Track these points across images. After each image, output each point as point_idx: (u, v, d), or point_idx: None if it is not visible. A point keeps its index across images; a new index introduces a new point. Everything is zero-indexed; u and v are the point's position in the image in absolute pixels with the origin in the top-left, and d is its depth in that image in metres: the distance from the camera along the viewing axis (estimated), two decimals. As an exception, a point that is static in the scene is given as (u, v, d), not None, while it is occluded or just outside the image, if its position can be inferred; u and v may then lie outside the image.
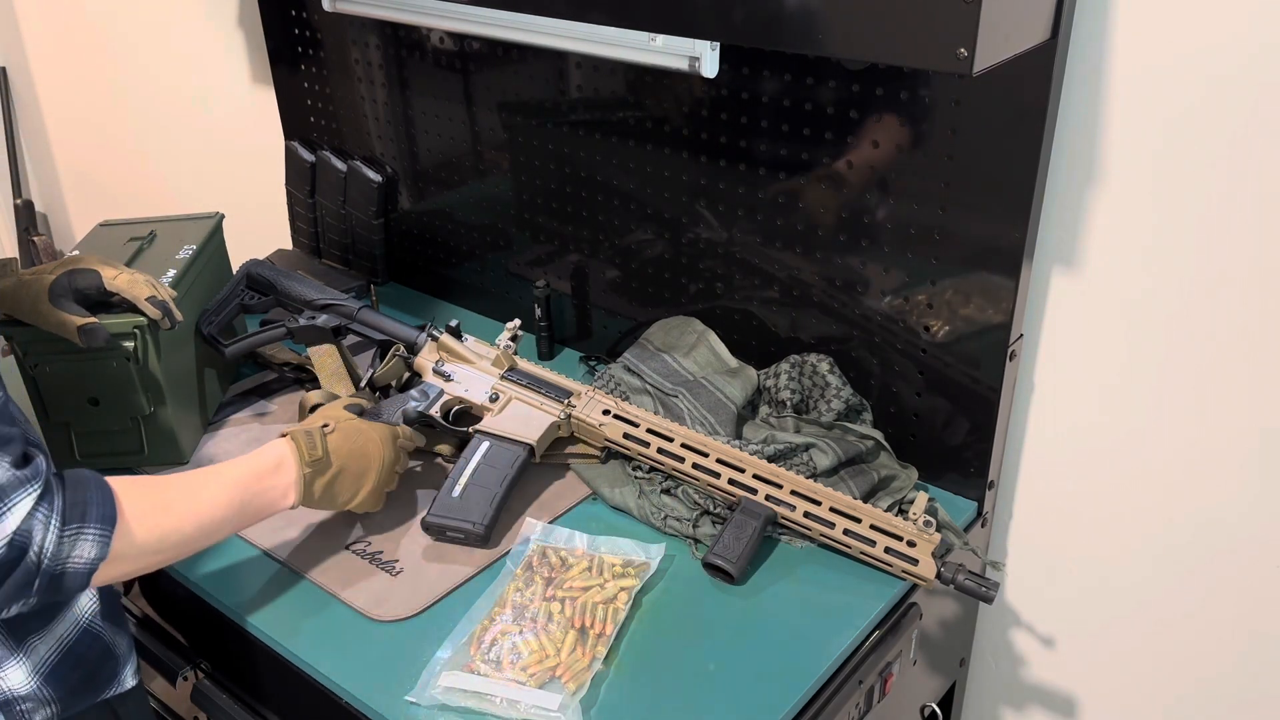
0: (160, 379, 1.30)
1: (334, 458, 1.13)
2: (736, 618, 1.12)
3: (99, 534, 0.90)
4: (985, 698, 1.53)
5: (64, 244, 2.95)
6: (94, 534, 0.90)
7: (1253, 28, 1.01)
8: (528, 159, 1.57)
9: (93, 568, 0.90)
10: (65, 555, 0.88)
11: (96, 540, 0.90)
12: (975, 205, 1.17)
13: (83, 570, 0.90)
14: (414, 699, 1.01)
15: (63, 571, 0.89)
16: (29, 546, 0.86)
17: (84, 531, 0.89)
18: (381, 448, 1.19)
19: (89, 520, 0.90)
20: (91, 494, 0.91)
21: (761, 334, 1.42)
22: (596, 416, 1.29)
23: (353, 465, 1.16)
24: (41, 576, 0.87)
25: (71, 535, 0.88)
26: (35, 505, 0.86)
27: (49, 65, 2.64)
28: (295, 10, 1.76)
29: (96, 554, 0.90)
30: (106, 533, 0.90)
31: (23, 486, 0.86)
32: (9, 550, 0.85)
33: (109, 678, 1.06)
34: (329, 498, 1.14)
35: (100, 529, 0.90)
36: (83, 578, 0.90)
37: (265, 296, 1.49)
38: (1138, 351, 1.21)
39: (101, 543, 0.90)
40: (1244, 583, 1.24)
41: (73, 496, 0.90)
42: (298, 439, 1.11)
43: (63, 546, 0.88)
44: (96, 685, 1.05)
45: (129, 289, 1.26)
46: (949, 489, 1.33)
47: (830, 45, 0.96)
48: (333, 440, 1.15)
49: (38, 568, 0.87)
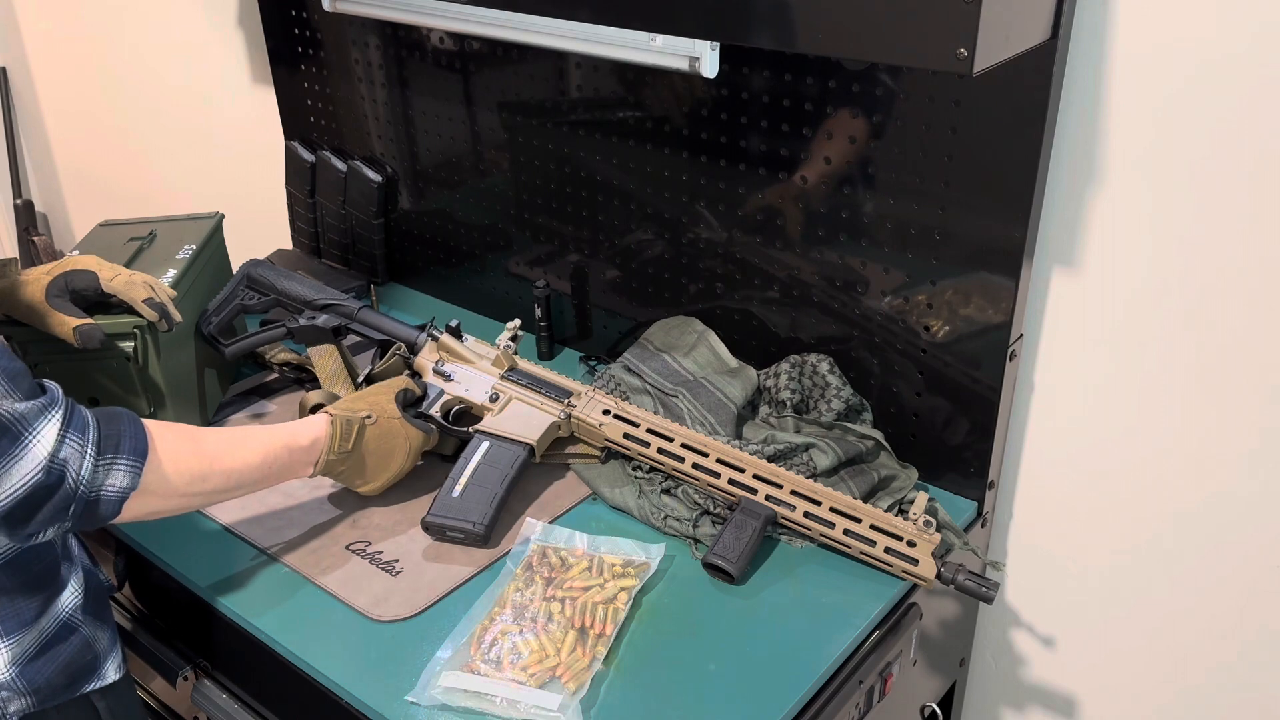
0: (160, 379, 1.30)
1: (363, 452, 1.20)
2: (736, 618, 1.12)
3: (131, 465, 0.96)
4: (985, 698, 1.53)
5: (64, 244, 2.95)
6: (126, 464, 0.95)
7: (1252, 28, 1.01)
8: (528, 159, 1.57)
9: (124, 496, 0.96)
10: (100, 483, 0.94)
11: (129, 470, 0.95)
12: (975, 205, 1.17)
13: (115, 498, 0.95)
14: (414, 699, 1.01)
15: (97, 498, 0.94)
16: (66, 473, 0.91)
17: (117, 461, 0.95)
18: (406, 456, 1.25)
19: (122, 451, 0.95)
20: (125, 427, 0.97)
21: (761, 334, 1.42)
22: (596, 416, 1.29)
23: (374, 462, 1.22)
24: (78, 502, 0.93)
25: (106, 464, 0.94)
26: (64, 431, 0.91)
27: (49, 65, 2.64)
28: (295, 10, 1.76)
29: (128, 483, 0.96)
30: (138, 464, 0.96)
31: (44, 413, 0.91)
32: (47, 475, 0.90)
33: (88, 672, 1.07)
34: (342, 477, 1.21)
35: (132, 460, 0.96)
36: (115, 505, 0.96)
37: (265, 296, 1.49)
38: (1137, 351, 1.21)
39: (133, 473, 0.96)
40: (1244, 582, 1.24)
41: (107, 429, 0.95)
42: (336, 425, 1.17)
43: (97, 474, 0.94)
44: (75, 679, 1.05)
45: (126, 291, 1.25)
46: (949, 489, 1.33)
47: (830, 45, 0.96)
48: (369, 434, 1.20)
49: (74, 493, 0.92)
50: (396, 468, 1.24)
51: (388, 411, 1.23)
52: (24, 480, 0.89)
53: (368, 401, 1.23)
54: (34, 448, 0.89)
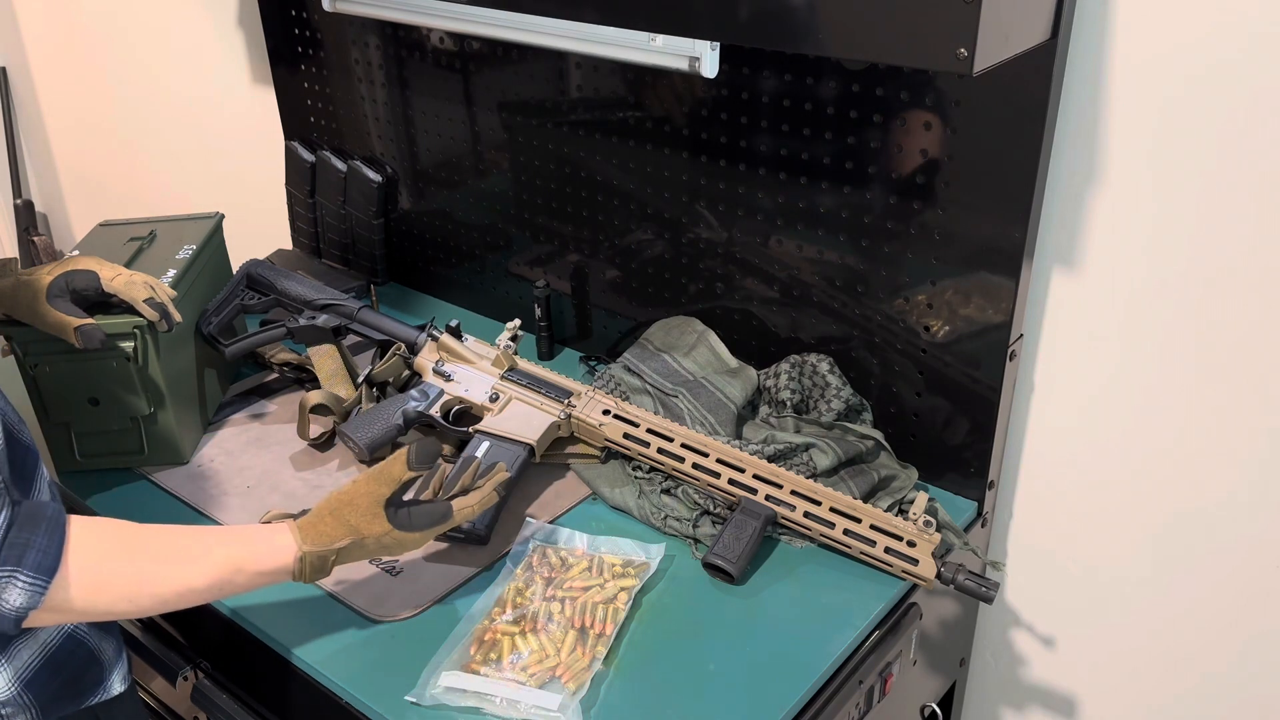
0: (160, 379, 1.30)
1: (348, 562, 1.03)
2: (736, 618, 1.12)
3: (31, 584, 0.85)
4: (985, 698, 1.53)
5: (64, 244, 2.95)
6: (26, 582, 0.85)
7: (1252, 28, 1.01)
8: (528, 159, 1.57)
9: (20, 615, 0.85)
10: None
11: (26, 589, 0.85)
12: (975, 205, 1.17)
13: (8, 615, 0.85)
14: (414, 699, 1.01)
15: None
16: None
17: (16, 578, 0.84)
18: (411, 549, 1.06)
19: (24, 565, 0.85)
20: (37, 537, 0.86)
21: (761, 334, 1.42)
22: (596, 416, 1.29)
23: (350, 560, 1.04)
24: None
25: (3, 579, 0.84)
26: None
27: (49, 65, 2.64)
28: (295, 10, 1.76)
29: (23, 603, 0.85)
30: (40, 583, 0.85)
31: None
32: None
33: (93, 684, 1.03)
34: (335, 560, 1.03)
35: (34, 578, 0.85)
36: (8, 622, 0.85)
37: (265, 296, 1.49)
38: (1137, 351, 1.21)
39: (32, 592, 0.85)
40: (1243, 582, 1.24)
41: (15, 536, 0.85)
42: (306, 561, 0.99)
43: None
44: (79, 692, 1.02)
45: (126, 290, 1.25)
46: (949, 489, 1.33)
47: (830, 45, 0.96)
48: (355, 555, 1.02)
49: None
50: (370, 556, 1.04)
51: (374, 532, 1.01)
52: None
53: (347, 523, 1.01)
54: None
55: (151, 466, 1.35)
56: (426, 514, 1.05)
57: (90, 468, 1.34)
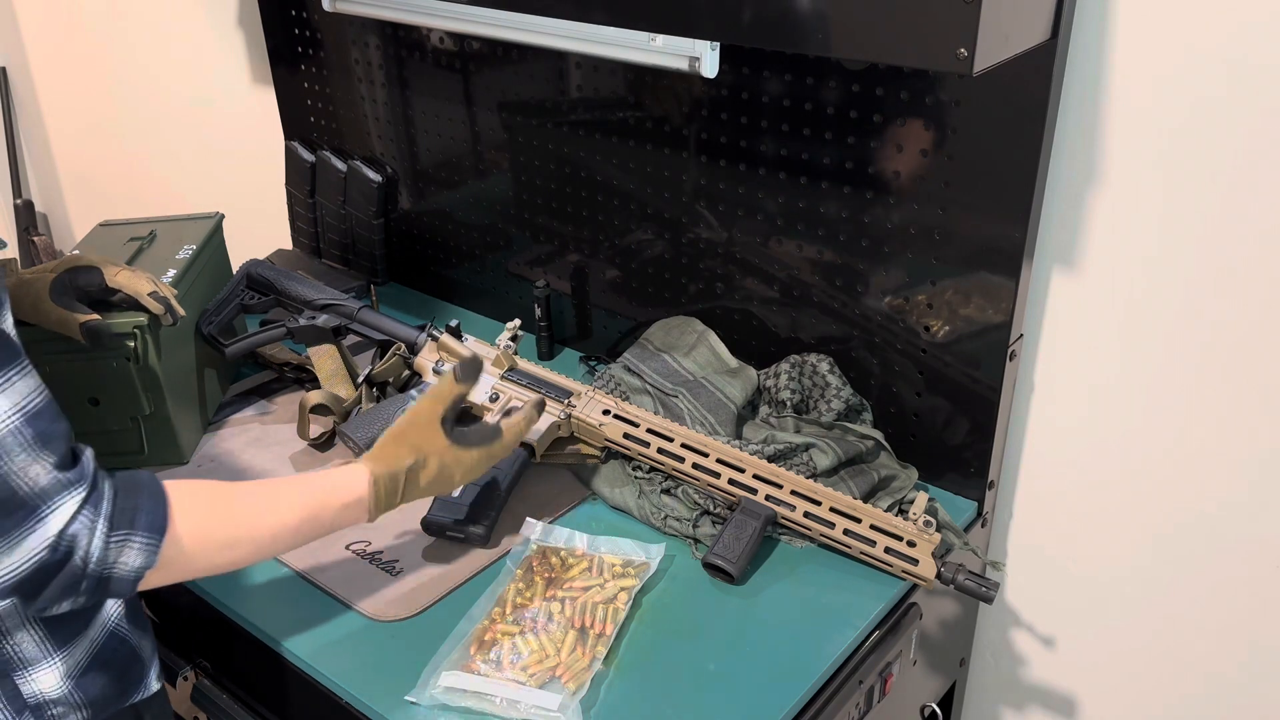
0: (160, 379, 1.30)
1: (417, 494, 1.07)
2: (736, 618, 1.12)
3: (146, 542, 0.88)
4: (985, 698, 1.53)
5: (64, 244, 2.95)
6: (141, 542, 0.88)
7: (1253, 28, 1.01)
8: (528, 159, 1.57)
9: (138, 575, 0.89)
10: (112, 561, 0.87)
11: (143, 549, 0.88)
12: (975, 205, 1.17)
13: (128, 577, 0.88)
14: (414, 699, 1.01)
15: (109, 576, 0.87)
16: (75, 550, 0.85)
17: (131, 539, 0.88)
18: (465, 477, 1.11)
19: (137, 527, 0.88)
20: (143, 500, 0.89)
21: (761, 334, 1.42)
22: (596, 416, 1.29)
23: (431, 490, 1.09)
24: (88, 579, 0.86)
25: (119, 542, 0.87)
26: (79, 508, 0.85)
27: (49, 65, 2.64)
28: (295, 10, 1.76)
29: (142, 562, 0.88)
30: (154, 541, 0.89)
31: (66, 490, 0.85)
32: (52, 553, 0.84)
33: (136, 681, 1.04)
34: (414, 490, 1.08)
35: (147, 537, 0.88)
36: (128, 584, 0.89)
37: (265, 296, 1.49)
38: (1137, 351, 1.21)
39: (148, 551, 0.88)
40: (1244, 582, 1.24)
41: (123, 502, 0.88)
42: (379, 484, 1.03)
43: (108, 552, 0.86)
44: (125, 689, 1.03)
45: (131, 285, 1.26)
46: (949, 489, 1.33)
47: (830, 45, 0.96)
48: (422, 479, 1.07)
49: (83, 571, 0.86)
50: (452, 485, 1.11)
51: (436, 448, 1.07)
52: (30, 556, 0.83)
53: (410, 443, 1.06)
54: (47, 523, 0.83)
55: (152, 466, 1.35)
56: (479, 431, 1.11)
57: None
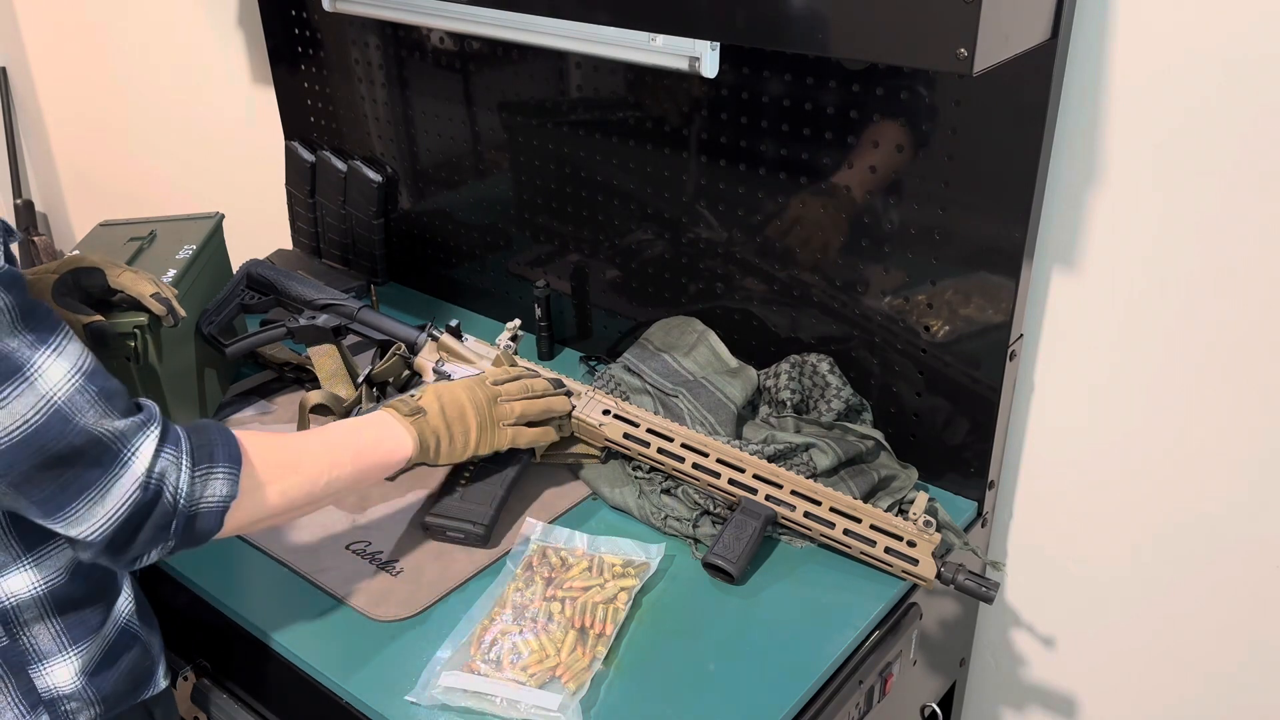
0: (160, 379, 1.30)
1: (428, 405, 1.15)
2: (736, 618, 1.12)
3: (228, 472, 0.93)
4: (985, 698, 1.53)
5: (64, 244, 2.95)
6: (224, 472, 0.92)
7: (1253, 28, 1.01)
8: (528, 159, 1.57)
9: (225, 505, 0.92)
10: (199, 495, 0.91)
11: (226, 478, 0.93)
12: (975, 205, 1.17)
13: (216, 509, 0.92)
14: (414, 699, 1.01)
15: (197, 512, 0.91)
16: (164, 487, 0.88)
17: (214, 470, 0.92)
18: (467, 391, 1.19)
19: (217, 460, 0.92)
20: (215, 436, 0.94)
21: (761, 334, 1.42)
22: (596, 416, 1.29)
23: (450, 409, 1.16)
24: (179, 517, 0.90)
25: (203, 475, 0.91)
26: (159, 446, 0.88)
27: (49, 65, 2.64)
28: (295, 10, 1.76)
29: (228, 491, 0.92)
30: (234, 471, 0.93)
31: (141, 430, 0.88)
32: (144, 492, 0.87)
33: (147, 678, 1.05)
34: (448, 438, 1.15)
35: (229, 467, 0.93)
36: (216, 517, 0.92)
37: (265, 296, 1.49)
38: (1137, 351, 1.21)
39: (231, 480, 0.93)
40: (1244, 582, 1.24)
41: (199, 439, 0.92)
42: (390, 404, 1.15)
43: (195, 486, 0.90)
44: (137, 686, 1.04)
45: (133, 285, 1.26)
46: (949, 489, 1.33)
47: (830, 45, 0.96)
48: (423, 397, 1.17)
49: (174, 508, 0.89)
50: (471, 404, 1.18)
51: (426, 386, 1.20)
52: (124, 499, 0.86)
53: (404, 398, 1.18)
54: (133, 464, 0.86)
55: (151, 466, 1.35)
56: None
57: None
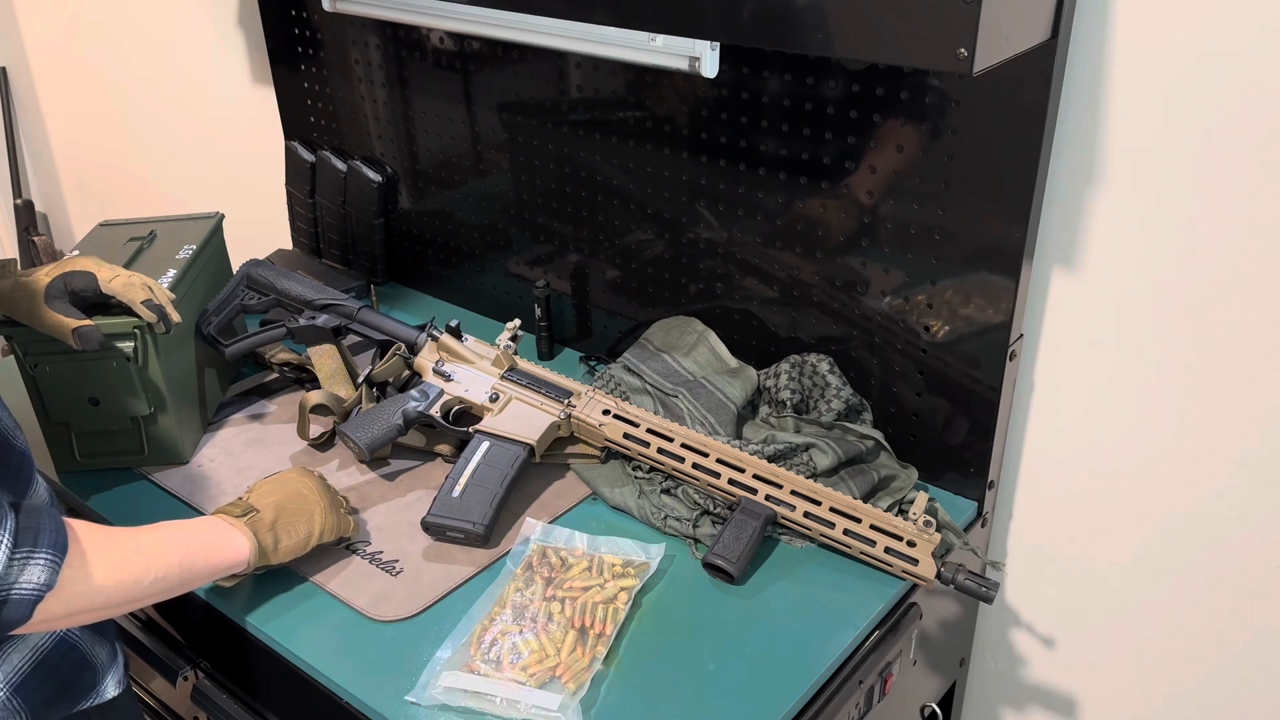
0: (160, 379, 1.30)
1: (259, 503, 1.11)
2: (736, 618, 1.12)
3: (49, 560, 0.86)
4: (985, 698, 1.53)
5: (64, 244, 2.95)
6: (45, 559, 0.85)
7: (1252, 28, 1.01)
8: (528, 159, 1.57)
9: (39, 595, 0.85)
10: (13, 580, 0.84)
11: (47, 566, 0.85)
12: (975, 205, 1.17)
13: (28, 597, 0.84)
14: (414, 699, 1.01)
15: (6, 598, 0.83)
16: None
17: (35, 556, 0.85)
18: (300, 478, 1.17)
19: (40, 545, 0.85)
20: (44, 521, 0.87)
21: (761, 334, 1.42)
22: (596, 416, 1.29)
23: (290, 504, 1.13)
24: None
25: (21, 559, 0.84)
26: None
27: (49, 65, 2.64)
28: (295, 10, 1.76)
29: (45, 579, 0.85)
30: (57, 559, 0.86)
31: None
32: None
33: (86, 689, 1.03)
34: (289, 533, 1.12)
35: (51, 554, 0.86)
36: (26, 605, 0.85)
37: (265, 296, 1.49)
38: (1137, 351, 1.21)
39: (51, 568, 0.85)
40: (1243, 582, 1.24)
41: (26, 521, 0.86)
42: (221, 508, 1.10)
43: (11, 570, 0.83)
44: (71, 697, 1.01)
45: (124, 292, 1.25)
46: (949, 489, 1.33)
47: (830, 45, 0.96)
48: (253, 495, 1.13)
49: None
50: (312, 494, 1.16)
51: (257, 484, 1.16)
52: None
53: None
54: None
55: (151, 466, 1.35)
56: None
57: (90, 468, 1.34)
